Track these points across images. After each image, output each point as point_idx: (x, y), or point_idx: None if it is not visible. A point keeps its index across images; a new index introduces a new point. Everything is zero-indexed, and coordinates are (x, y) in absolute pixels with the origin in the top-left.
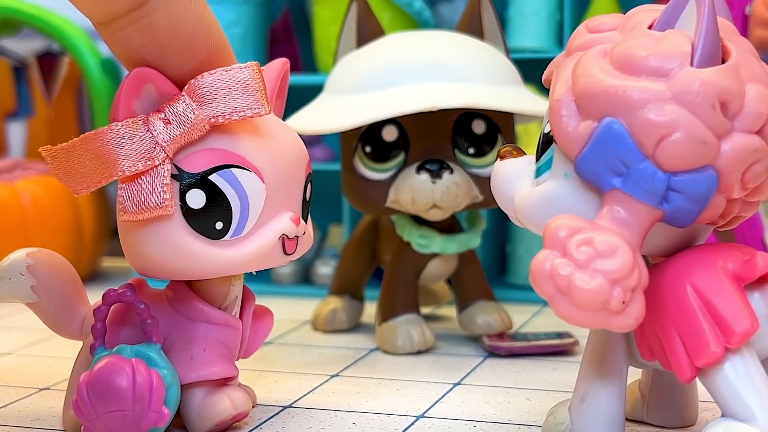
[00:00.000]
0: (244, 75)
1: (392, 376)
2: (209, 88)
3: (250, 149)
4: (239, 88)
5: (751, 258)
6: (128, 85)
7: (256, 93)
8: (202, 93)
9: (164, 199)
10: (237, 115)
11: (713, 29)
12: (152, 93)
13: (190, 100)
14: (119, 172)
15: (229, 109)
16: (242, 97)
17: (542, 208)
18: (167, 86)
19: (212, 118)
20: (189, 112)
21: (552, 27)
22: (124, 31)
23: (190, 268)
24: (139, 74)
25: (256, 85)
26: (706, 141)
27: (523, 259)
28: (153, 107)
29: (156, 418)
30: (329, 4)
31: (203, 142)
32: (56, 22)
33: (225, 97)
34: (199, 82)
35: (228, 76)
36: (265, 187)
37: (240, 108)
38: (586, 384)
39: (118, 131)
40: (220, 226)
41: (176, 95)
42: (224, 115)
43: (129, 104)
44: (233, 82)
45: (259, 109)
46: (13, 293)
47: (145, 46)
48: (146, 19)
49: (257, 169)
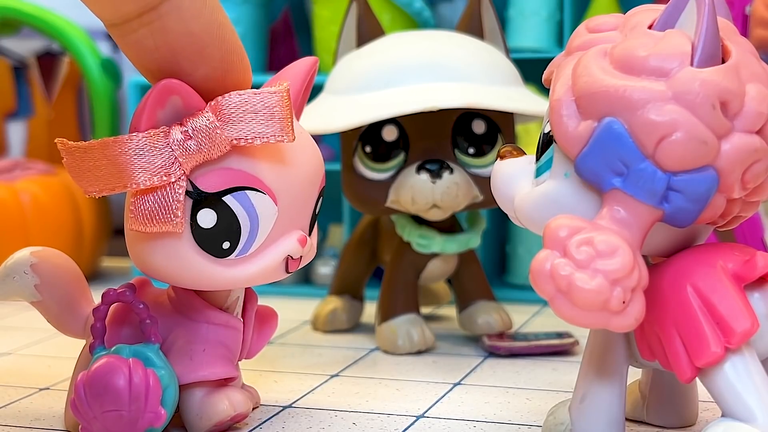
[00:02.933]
0: (273, 101)
1: (392, 376)
2: (235, 110)
3: (268, 172)
4: (266, 114)
5: (751, 258)
6: (155, 96)
7: (282, 120)
8: (228, 113)
9: (176, 217)
10: (260, 140)
11: (713, 29)
12: (178, 105)
13: (214, 118)
14: (134, 184)
15: (252, 133)
16: (267, 123)
17: (542, 208)
18: (194, 99)
19: (234, 139)
20: (211, 130)
21: (552, 27)
22: (136, 34)
23: (192, 281)
24: (167, 86)
25: (284, 113)
26: (706, 141)
27: (523, 259)
28: (176, 120)
29: (152, 418)
30: (329, 4)
31: (222, 161)
32: (56, 22)
33: (250, 121)
34: (226, 101)
35: (257, 100)
36: (277, 209)
37: (264, 134)
38: (586, 384)
39: (138, 142)
40: (227, 246)
41: (200, 110)
42: (247, 139)
43: (153, 115)
44: (261, 107)
45: (284, 137)
46: (17, 291)
47: (158, 50)
48: (159, 22)
49: (272, 192)
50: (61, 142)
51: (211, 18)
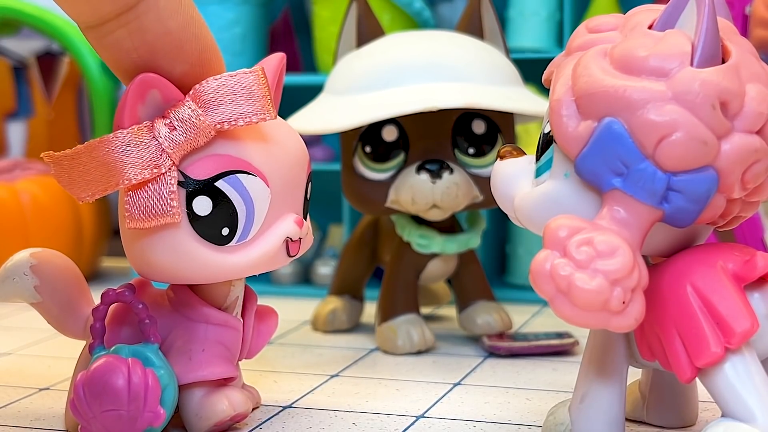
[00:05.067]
0: (249, 80)
1: (392, 376)
2: (215, 94)
3: (254, 154)
4: (244, 94)
5: (751, 258)
6: (133, 91)
7: (261, 99)
8: (208, 99)
9: (171, 207)
10: (243, 120)
11: (713, 29)
12: (157, 99)
13: (195, 106)
14: (125, 181)
15: (234, 114)
16: (247, 102)
17: (542, 208)
18: (172, 92)
19: (218, 124)
20: (194, 118)
21: (552, 27)
22: (113, 35)
23: (196, 273)
24: (145, 80)
25: (262, 91)
26: (706, 141)
27: (523, 259)
28: (158, 113)
29: (151, 418)
30: (329, 4)
31: (208, 148)
32: (56, 22)
33: (230, 103)
34: (204, 87)
35: (233, 82)
36: (270, 191)
37: (246, 114)
38: (586, 384)
39: (123, 139)
40: (227, 232)
41: (181, 101)
42: (230, 121)
43: (134, 110)
44: (238, 88)
45: (265, 115)
46: (16, 293)
47: (136, 50)
48: (136, 22)
49: (262, 173)
50: (48, 155)
51: (186, 15)
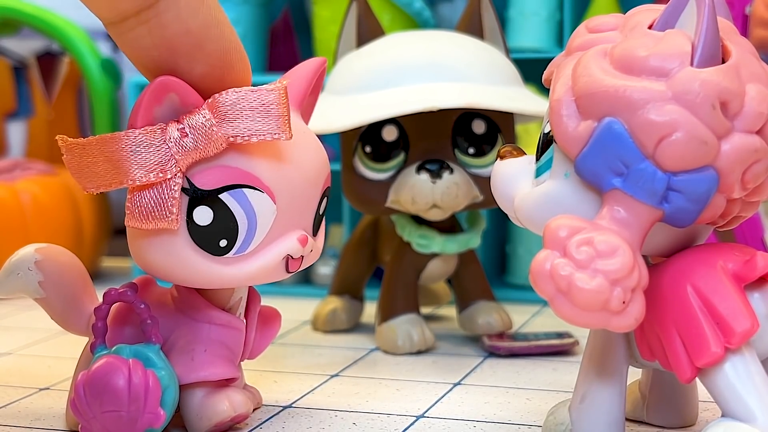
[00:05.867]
0: (270, 98)
1: (392, 376)
2: (232, 107)
3: (265, 169)
4: (262, 111)
5: (751, 258)
6: (151, 93)
7: (279, 118)
8: (224, 110)
9: (170, 213)
10: (256, 137)
11: (713, 29)
12: (175, 102)
13: (211, 116)
14: (130, 181)
15: (249, 130)
16: (264, 120)
17: (542, 208)
18: (191, 96)
19: (231, 137)
20: (207, 127)
21: (552, 27)
22: (133, 32)
23: (189, 278)
24: (164, 83)
25: (280, 110)
26: (706, 141)
27: (523, 259)
28: (173, 116)
29: (152, 419)
30: (329, 4)
31: (219, 158)
32: (56, 22)
33: (246, 118)
34: (222, 98)
35: (253, 97)
36: (276, 208)
37: (260, 131)
38: (586, 384)
39: (134, 138)
40: (224, 244)
41: (198, 107)
42: (243, 136)
43: (149, 111)
44: (257, 104)
45: (280, 135)
46: (20, 288)
47: (156, 48)
48: (156, 20)
49: (270, 190)
50: (62, 138)
51: (208, 15)
